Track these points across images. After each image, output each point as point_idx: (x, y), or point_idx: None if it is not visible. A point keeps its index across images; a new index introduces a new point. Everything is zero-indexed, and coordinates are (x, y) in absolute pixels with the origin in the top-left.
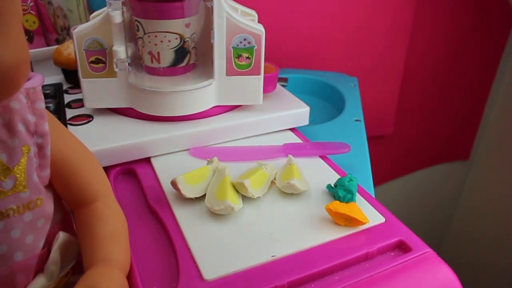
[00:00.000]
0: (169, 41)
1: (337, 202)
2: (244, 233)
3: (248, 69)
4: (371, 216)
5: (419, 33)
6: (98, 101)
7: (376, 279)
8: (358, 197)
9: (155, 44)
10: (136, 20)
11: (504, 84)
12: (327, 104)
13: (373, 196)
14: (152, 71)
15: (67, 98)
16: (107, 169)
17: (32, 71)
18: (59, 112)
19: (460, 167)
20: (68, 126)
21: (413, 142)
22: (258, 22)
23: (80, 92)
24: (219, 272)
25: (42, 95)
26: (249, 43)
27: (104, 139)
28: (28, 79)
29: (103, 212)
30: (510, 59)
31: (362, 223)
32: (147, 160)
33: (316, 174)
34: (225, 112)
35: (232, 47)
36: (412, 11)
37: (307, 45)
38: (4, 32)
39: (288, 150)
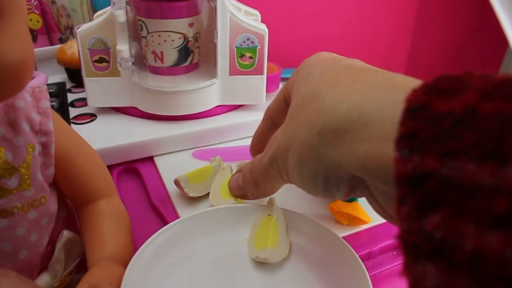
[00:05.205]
0: (173, 40)
1: (340, 201)
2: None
3: (251, 68)
4: (374, 215)
5: (421, 33)
6: (101, 100)
7: (378, 278)
8: None
9: (159, 44)
10: (139, 20)
11: None
12: None
13: None
14: (156, 71)
15: (71, 97)
16: (110, 168)
17: (36, 70)
18: (62, 111)
19: None
20: (72, 125)
21: None
22: (261, 22)
23: (84, 91)
24: None
25: (48, 94)
26: (252, 42)
27: (107, 138)
28: (32, 78)
29: (107, 211)
30: None
31: (365, 222)
32: (150, 159)
33: None
34: (228, 111)
35: (235, 46)
36: (414, 12)
37: (309, 45)
38: (9, 31)
39: None
